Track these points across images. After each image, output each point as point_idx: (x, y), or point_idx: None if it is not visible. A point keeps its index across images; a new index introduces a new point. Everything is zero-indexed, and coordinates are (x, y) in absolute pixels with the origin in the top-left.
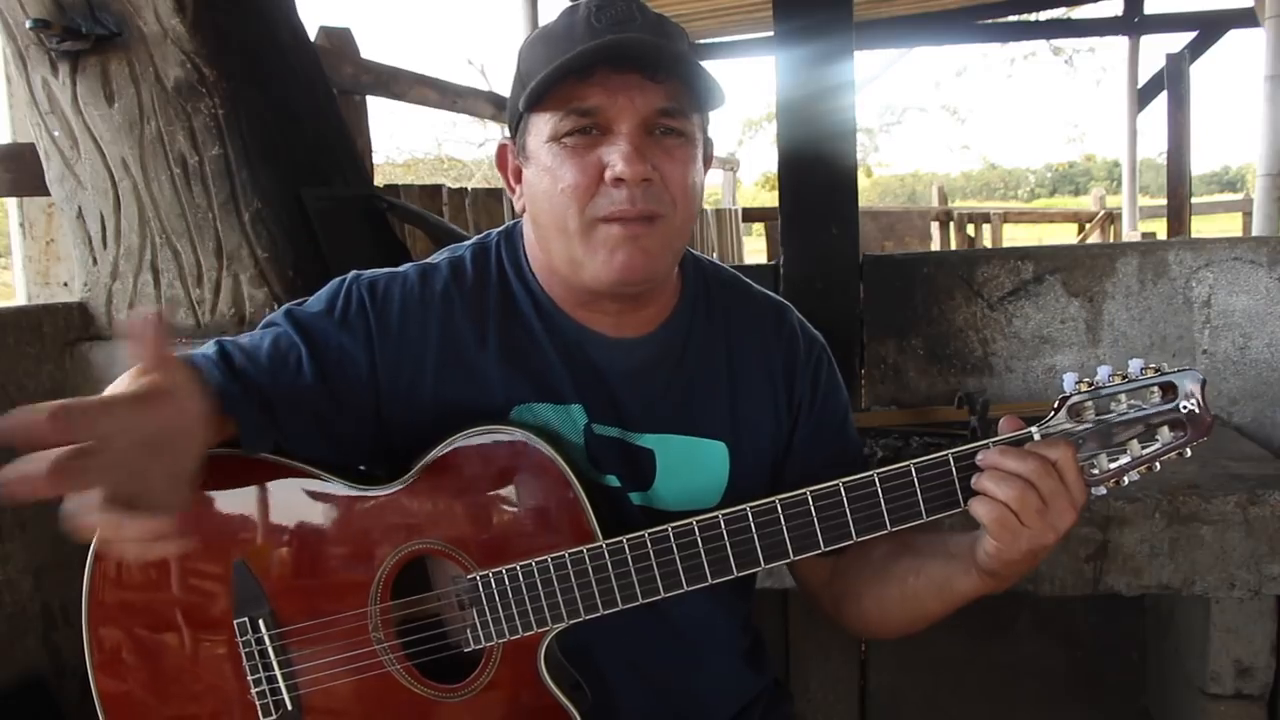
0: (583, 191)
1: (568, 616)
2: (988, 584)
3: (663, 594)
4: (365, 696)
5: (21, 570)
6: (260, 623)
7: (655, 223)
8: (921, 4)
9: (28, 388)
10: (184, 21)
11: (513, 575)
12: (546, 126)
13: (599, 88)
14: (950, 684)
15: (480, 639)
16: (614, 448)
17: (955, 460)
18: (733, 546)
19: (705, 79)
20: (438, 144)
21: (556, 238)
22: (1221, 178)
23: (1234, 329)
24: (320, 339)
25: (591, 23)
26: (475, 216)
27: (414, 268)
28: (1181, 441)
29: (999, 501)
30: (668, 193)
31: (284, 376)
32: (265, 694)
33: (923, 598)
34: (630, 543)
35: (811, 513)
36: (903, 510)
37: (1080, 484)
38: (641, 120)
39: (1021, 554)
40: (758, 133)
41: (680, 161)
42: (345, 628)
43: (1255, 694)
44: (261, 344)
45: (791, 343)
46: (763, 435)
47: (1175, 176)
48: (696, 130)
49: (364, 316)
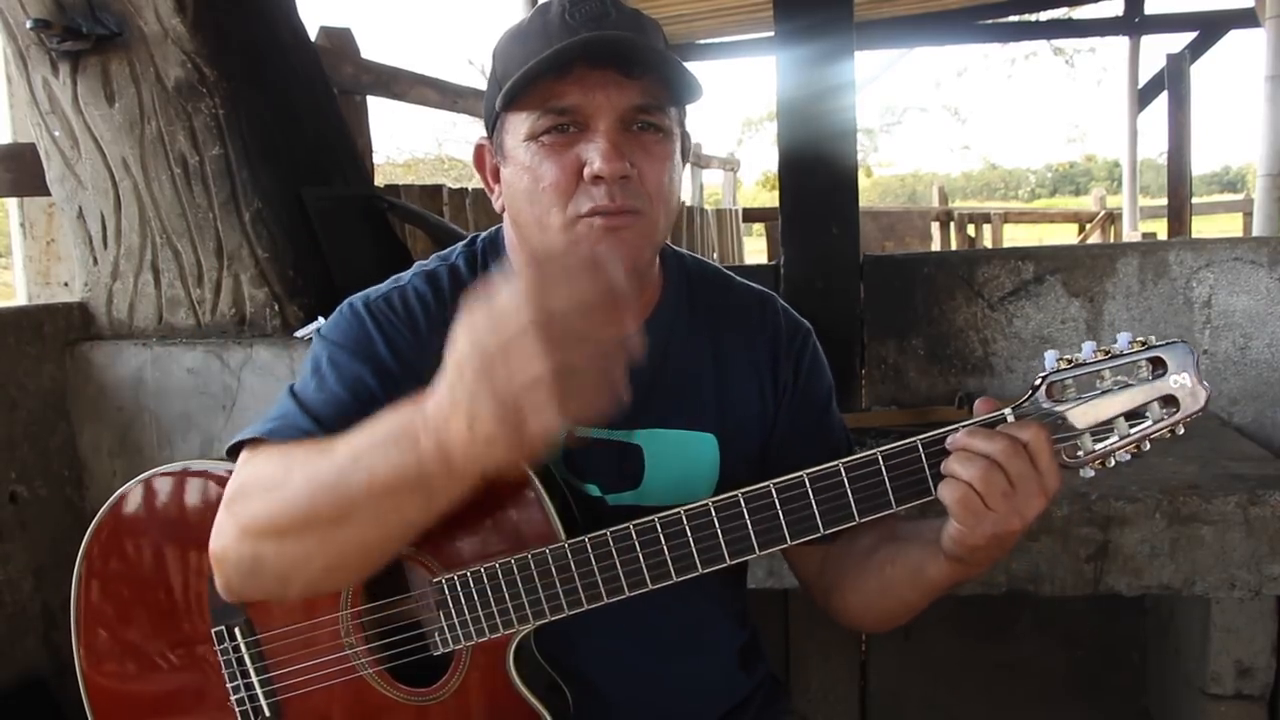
0: (562, 189)
1: (534, 618)
2: (956, 570)
3: (627, 593)
4: (340, 701)
5: (21, 570)
6: (236, 631)
7: (635, 217)
8: (922, 4)
9: (28, 388)
10: (184, 21)
11: (477, 577)
12: (524, 125)
13: (576, 85)
14: (950, 684)
15: (449, 642)
16: (600, 449)
17: (924, 446)
18: (696, 543)
19: (682, 74)
20: (438, 144)
21: (537, 235)
22: (1222, 178)
23: (1234, 329)
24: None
25: (566, 19)
26: (475, 216)
27: (416, 276)
28: (1173, 419)
29: (963, 482)
30: (645, 189)
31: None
32: (244, 701)
33: (899, 586)
34: (592, 541)
35: (776, 506)
36: (871, 500)
37: (1053, 468)
38: (619, 117)
39: (985, 539)
40: (758, 133)
41: (658, 158)
42: (318, 633)
43: (1256, 694)
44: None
45: (775, 329)
46: (751, 425)
47: (1175, 177)
48: (674, 125)
49: (398, 331)
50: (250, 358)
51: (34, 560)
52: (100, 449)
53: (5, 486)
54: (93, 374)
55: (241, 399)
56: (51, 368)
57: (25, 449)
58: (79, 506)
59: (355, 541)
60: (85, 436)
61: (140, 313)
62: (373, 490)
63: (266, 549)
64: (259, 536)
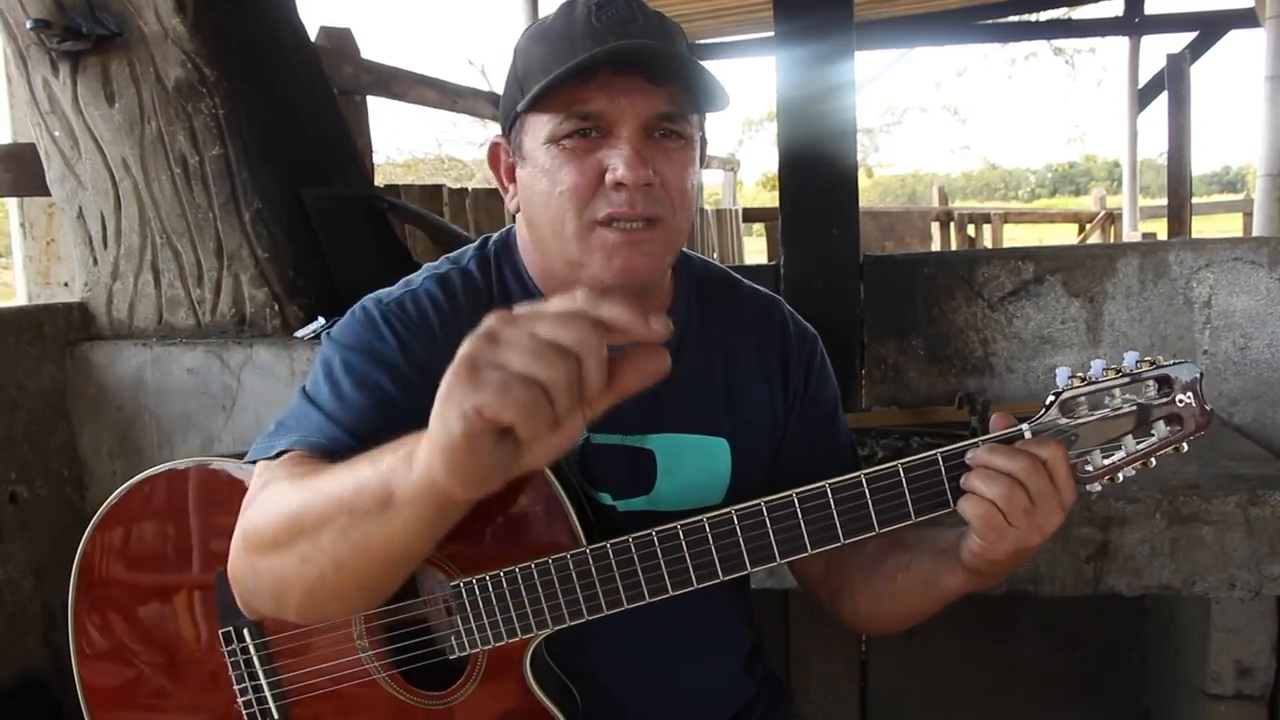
0: (582, 194)
1: (552, 623)
2: (973, 582)
3: (648, 599)
4: (351, 705)
5: (21, 570)
6: (245, 632)
7: (655, 225)
8: (922, 4)
9: (28, 388)
10: (184, 21)
11: (496, 581)
12: (545, 128)
13: (601, 91)
14: (950, 684)
15: (465, 646)
16: (613, 455)
17: (945, 460)
18: (718, 550)
19: (708, 81)
20: (438, 144)
21: (553, 240)
22: (1222, 178)
23: (1234, 329)
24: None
25: (592, 22)
26: (475, 216)
27: (428, 279)
28: (1178, 436)
29: (986, 500)
30: (667, 196)
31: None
32: (251, 704)
33: (911, 594)
34: (614, 547)
35: (798, 515)
36: (891, 511)
37: (1070, 484)
38: (643, 124)
39: (1006, 554)
40: (758, 133)
41: (680, 164)
42: (329, 635)
43: (1256, 694)
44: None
45: (784, 335)
46: (761, 429)
47: (1175, 177)
48: (695, 131)
49: (413, 335)
50: (250, 358)
51: (34, 560)
52: (100, 449)
53: (5, 486)
54: (93, 374)
55: (241, 399)
56: (51, 368)
57: (25, 449)
58: (79, 506)
59: (379, 554)
60: (85, 436)
61: (140, 313)
62: (344, 500)
63: (267, 565)
64: (264, 553)
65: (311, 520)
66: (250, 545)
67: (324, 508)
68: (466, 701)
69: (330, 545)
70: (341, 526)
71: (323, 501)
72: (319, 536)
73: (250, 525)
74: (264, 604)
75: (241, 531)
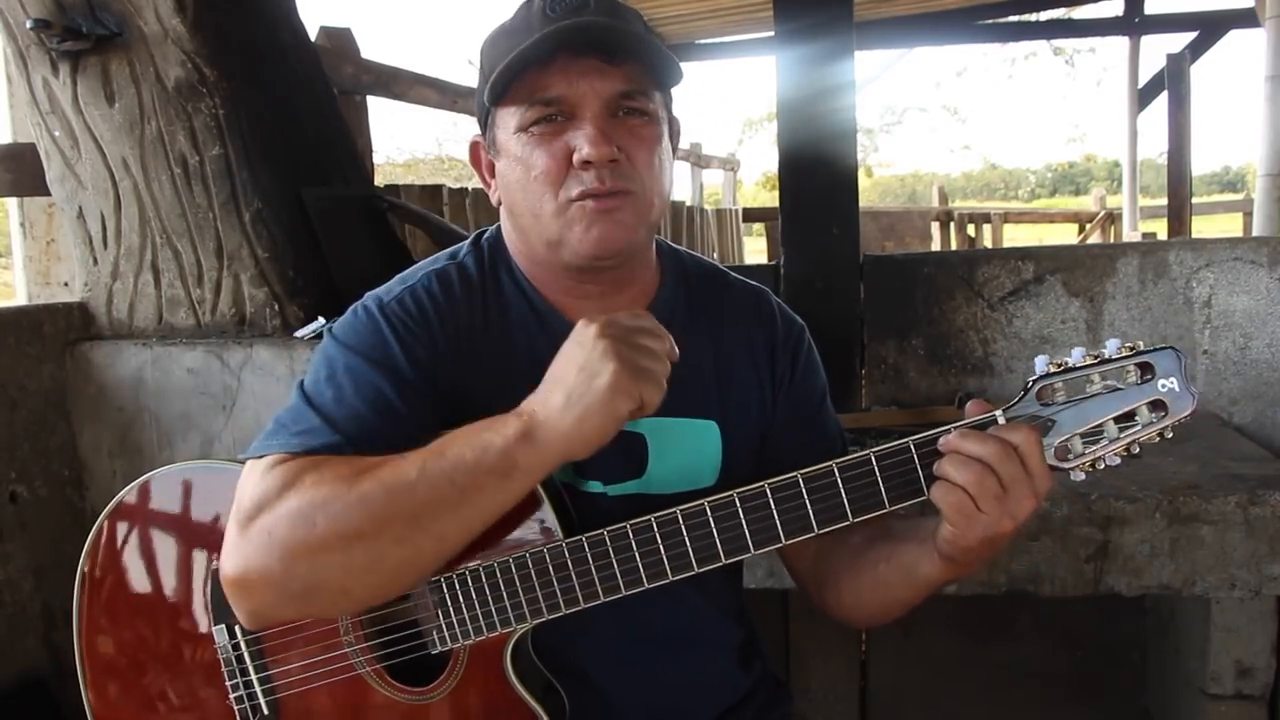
0: (554, 176)
1: (531, 616)
2: (951, 570)
3: (624, 591)
4: (339, 700)
5: (21, 570)
6: (237, 629)
7: (626, 198)
8: (922, 4)
9: (28, 388)
10: (184, 21)
11: (475, 576)
12: (513, 119)
13: (560, 76)
14: (950, 684)
15: (446, 640)
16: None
17: (917, 447)
18: (692, 542)
19: (663, 58)
20: (438, 144)
21: (533, 224)
22: (1222, 178)
23: (1234, 329)
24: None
25: (546, 12)
26: (475, 216)
27: (426, 275)
28: (1162, 422)
29: (957, 486)
30: (635, 170)
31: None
32: (243, 699)
33: (893, 583)
34: (590, 540)
35: (771, 505)
36: (865, 500)
37: (1043, 470)
38: (604, 104)
39: (978, 540)
40: (758, 133)
41: (645, 140)
42: (317, 631)
43: (1256, 694)
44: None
45: (771, 324)
46: (751, 413)
47: (1176, 177)
48: (660, 108)
49: (413, 334)
50: (250, 358)
51: (34, 560)
52: (100, 449)
53: (5, 486)
54: (93, 374)
55: (241, 399)
56: (51, 368)
57: (25, 449)
58: (79, 506)
59: (433, 536)
60: (85, 436)
61: (140, 313)
62: (455, 480)
63: (330, 563)
64: (318, 552)
65: (413, 504)
66: (309, 547)
67: (432, 489)
68: (449, 695)
69: (436, 522)
70: (453, 503)
71: (430, 483)
72: (420, 518)
73: (304, 528)
74: (322, 601)
75: (280, 540)
